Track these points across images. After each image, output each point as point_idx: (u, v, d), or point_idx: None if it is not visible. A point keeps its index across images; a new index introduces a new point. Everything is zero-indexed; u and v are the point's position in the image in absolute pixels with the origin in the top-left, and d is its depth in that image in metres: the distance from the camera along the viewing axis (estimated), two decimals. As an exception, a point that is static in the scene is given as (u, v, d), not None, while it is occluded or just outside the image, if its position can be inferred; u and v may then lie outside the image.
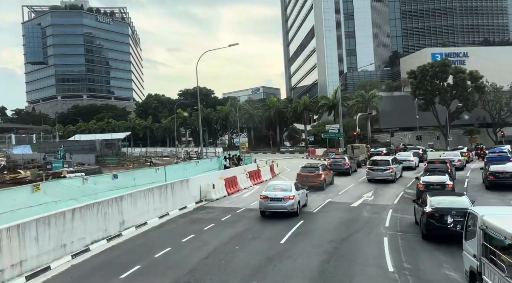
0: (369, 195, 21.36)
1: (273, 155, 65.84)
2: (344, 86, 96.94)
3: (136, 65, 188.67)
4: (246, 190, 24.35)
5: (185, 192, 19.18)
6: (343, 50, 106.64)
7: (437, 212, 12.00)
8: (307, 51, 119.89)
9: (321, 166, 24.35)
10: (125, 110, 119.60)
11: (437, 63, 74.21)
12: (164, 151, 71.08)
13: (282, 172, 34.62)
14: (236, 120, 77.74)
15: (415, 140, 69.67)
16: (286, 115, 71.65)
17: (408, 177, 27.39)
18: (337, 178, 27.19)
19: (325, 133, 48.84)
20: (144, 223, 15.60)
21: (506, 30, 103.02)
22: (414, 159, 31.31)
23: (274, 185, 18.41)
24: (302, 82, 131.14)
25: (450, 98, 73.87)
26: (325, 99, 67.26)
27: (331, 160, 30.10)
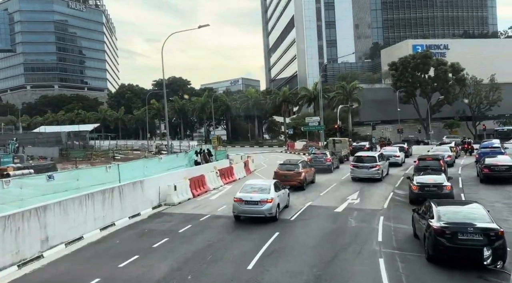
0: (355, 197, 18.71)
1: (251, 149, 62.94)
2: (324, 78, 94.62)
3: (111, 55, 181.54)
4: (215, 190, 21.32)
5: (138, 195, 16.01)
6: (323, 41, 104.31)
7: (448, 228, 9.32)
8: (287, 42, 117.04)
9: (301, 162, 21.58)
10: (97, 101, 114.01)
11: (418, 55, 72.74)
12: (135, 144, 67.10)
13: (259, 168, 31.78)
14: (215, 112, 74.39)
15: (397, 134, 68.15)
16: (264, 107, 68.74)
17: (395, 175, 24.97)
18: (318, 176, 24.52)
19: (305, 126, 46.25)
20: (79, 237, 12.40)
21: (485, 23, 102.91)
22: (400, 155, 28.98)
23: (251, 185, 15.69)
24: (282, 74, 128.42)
25: (431, 90, 72.68)
26: (305, 90, 64.66)
27: (312, 155, 27.43)
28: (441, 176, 16.89)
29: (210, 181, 21.42)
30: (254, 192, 15.11)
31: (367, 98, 73.98)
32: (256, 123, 73.37)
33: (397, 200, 17.82)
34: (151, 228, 14.09)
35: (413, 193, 16.43)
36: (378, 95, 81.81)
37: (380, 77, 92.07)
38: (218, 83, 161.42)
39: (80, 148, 63.77)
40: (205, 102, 73.34)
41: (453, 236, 9.16)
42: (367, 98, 73.04)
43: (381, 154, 23.90)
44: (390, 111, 77.38)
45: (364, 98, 67.86)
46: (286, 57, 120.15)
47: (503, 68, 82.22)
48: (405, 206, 16.61)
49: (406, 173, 25.79)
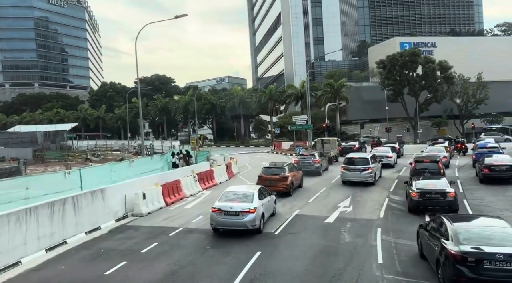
0: (347, 203, 16.79)
1: (236, 149, 60.82)
2: (311, 77, 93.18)
3: (94, 53, 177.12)
4: (192, 197, 19.13)
5: (98, 206, 13.76)
6: (310, 38, 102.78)
7: (471, 255, 7.39)
8: (273, 40, 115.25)
9: (287, 165, 19.56)
10: (77, 100, 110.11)
11: (406, 52, 71.55)
12: (115, 144, 64.27)
13: (243, 170, 29.68)
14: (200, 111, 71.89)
15: (385, 133, 66.86)
16: (250, 105, 66.63)
17: (388, 178, 23.18)
18: (307, 179, 22.59)
19: (292, 125, 44.32)
20: (15, 263, 10.13)
21: (471, 21, 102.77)
22: (393, 155, 27.25)
23: (232, 192, 13.75)
24: (268, 72, 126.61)
25: (420, 89, 71.61)
26: (292, 88, 62.81)
27: (299, 157, 25.47)
28: (442, 181, 15.08)
29: (186, 187, 19.23)
30: (235, 200, 13.14)
31: (355, 96, 72.61)
32: (242, 122, 71.24)
33: (394, 208, 15.94)
34: (110, 246, 11.86)
35: (412, 201, 14.57)
36: (366, 93, 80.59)
37: (367, 76, 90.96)
38: (204, 81, 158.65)
39: (57, 149, 60.78)
40: (189, 100, 70.82)
41: (478, 265, 7.24)
42: (354, 97, 71.66)
43: (374, 155, 22.08)
44: (378, 110, 76.16)
45: (351, 97, 66.45)
46: (273, 55, 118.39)
47: (490, 66, 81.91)
48: (404, 215, 14.76)
49: (400, 175, 24.09)
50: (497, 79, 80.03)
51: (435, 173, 18.42)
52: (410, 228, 12.84)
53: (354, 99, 72.65)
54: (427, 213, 14.43)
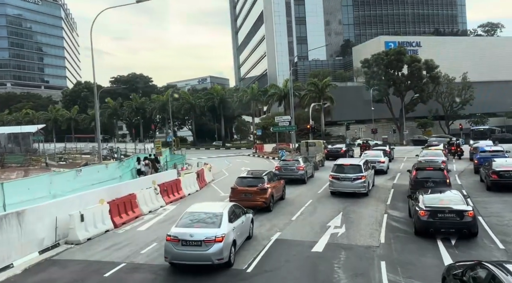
0: (338, 222, 13.78)
1: (216, 152, 57.57)
2: (295, 76, 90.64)
3: (71, 52, 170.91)
4: (151, 214, 15.79)
5: (12, 236, 10.31)
6: (293, 37, 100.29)
7: None
8: (256, 39, 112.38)
9: (266, 175, 16.41)
10: (50, 100, 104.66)
11: (392, 51, 69.68)
12: (86, 146, 60.09)
13: (219, 177, 26.44)
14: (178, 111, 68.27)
15: (370, 134, 64.65)
16: (231, 106, 63.37)
17: (382, 187, 20.31)
18: (289, 188, 19.59)
19: (274, 127, 41.35)
20: None
21: (455, 21, 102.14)
22: (385, 160, 24.45)
23: (194, 213, 10.57)
24: (251, 72, 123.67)
25: (405, 89, 69.83)
26: (274, 88, 59.90)
27: (281, 163, 22.40)
28: (457, 196, 12.21)
29: (144, 202, 15.86)
30: (197, 224, 10.04)
31: (339, 97, 70.26)
32: (223, 123, 67.92)
33: (395, 228, 12.99)
34: (14, 298, 8.50)
35: (420, 221, 11.62)
36: (351, 94, 78.52)
37: (352, 75, 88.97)
38: (185, 81, 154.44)
39: (22, 152, 56.27)
40: (166, 100, 67.07)
41: None
42: (339, 97, 69.31)
43: (366, 161, 19.17)
44: (363, 111, 74.09)
45: (336, 97, 64.00)
46: (255, 54, 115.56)
47: (475, 66, 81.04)
48: (411, 239, 11.81)
49: (395, 183, 21.27)
50: (482, 80, 79.14)
51: (440, 183, 15.61)
52: (423, 261, 9.92)
53: (339, 100, 70.31)
54: (439, 237, 11.54)
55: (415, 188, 15.94)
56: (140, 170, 24.07)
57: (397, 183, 21.06)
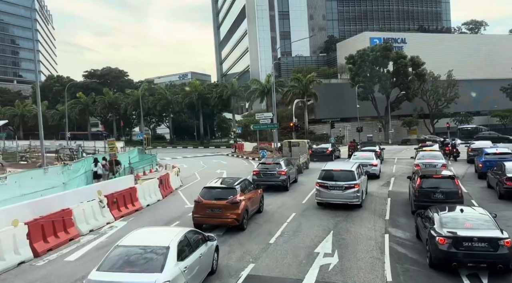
0: (328, 247, 10.83)
1: (194, 151, 54.11)
2: (278, 73, 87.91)
3: (47, 45, 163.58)
4: (91, 235, 12.47)
5: None
6: (276, 33, 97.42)
7: None
8: (238, 34, 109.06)
9: (239, 184, 13.26)
10: (19, 95, 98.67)
11: (377, 47, 67.62)
12: (52, 144, 55.56)
13: (190, 181, 23.17)
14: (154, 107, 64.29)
15: (356, 133, 62.29)
16: (211, 102, 59.89)
17: (377, 195, 17.48)
18: (269, 197, 16.61)
19: (255, 125, 38.29)
20: None
21: (439, 18, 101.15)
22: (377, 163, 21.67)
23: (127, 248, 7.42)
24: (233, 68, 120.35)
25: (391, 86, 67.87)
26: (256, 83, 56.82)
27: (260, 167, 19.31)
28: (485, 217, 9.40)
29: (84, 218, 12.52)
30: (129, 267, 6.92)
31: (323, 94, 67.86)
32: (202, 120, 64.40)
33: (402, 256, 10.09)
34: None
35: (439, 251, 8.75)
36: (335, 91, 76.18)
37: (336, 72, 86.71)
38: (166, 77, 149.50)
39: (-20, 151, 51.52)
40: (141, 95, 63.13)
41: None
42: (323, 94, 66.89)
43: (359, 166, 16.27)
44: (348, 108, 71.91)
45: (320, 94, 61.44)
46: (237, 50, 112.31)
47: (459, 64, 79.81)
48: (427, 275, 8.92)
49: (391, 190, 18.49)
50: (467, 78, 78.01)
51: (451, 195, 12.83)
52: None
53: (323, 97, 67.90)
54: (464, 272, 8.69)
55: (420, 201, 13.15)
56: (97, 172, 20.68)
57: (393, 190, 18.29)
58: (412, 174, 15.65)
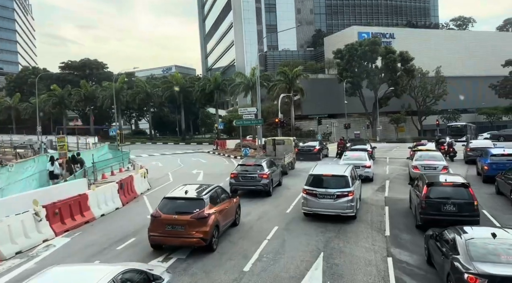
0: (319, 276, 8.52)
1: (174, 147, 51.30)
2: (264, 67, 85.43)
3: (25, 36, 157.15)
4: (18, 259, 9.85)
5: None
6: (263, 26, 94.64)
7: None
8: (224, 26, 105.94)
9: (209, 193, 10.75)
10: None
11: (366, 41, 65.70)
12: (21, 139, 52.13)
13: (159, 185, 20.42)
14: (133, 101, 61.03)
15: (343, 129, 60.36)
16: (193, 96, 56.94)
17: (372, 203, 15.21)
18: (247, 204, 14.23)
19: (238, 120, 35.74)
20: None
21: (427, 14, 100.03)
22: (371, 164, 19.38)
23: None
24: (219, 62, 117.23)
25: (379, 82, 66.13)
26: (241, 77, 54.20)
27: (238, 169, 16.81)
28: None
29: (9, 237, 9.78)
30: None
31: (310, 89, 65.71)
32: (183, 115, 61.50)
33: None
34: None
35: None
36: (322, 86, 74.14)
37: (323, 67, 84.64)
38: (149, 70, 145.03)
39: None
40: (119, 88, 59.79)
41: None
42: (310, 90, 64.76)
43: (353, 169, 13.93)
44: (335, 104, 69.99)
45: (306, 89, 59.21)
46: (223, 43, 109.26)
47: (448, 60, 78.65)
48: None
49: (387, 196, 16.25)
50: (455, 75, 76.91)
51: (465, 207, 10.61)
52: None
53: (310, 92, 65.76)
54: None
55: (427, 214, 10.91)
56: (53, 172, 17.93)
57: (390, 197, 16.07)
58: (415, 180, 13.42)
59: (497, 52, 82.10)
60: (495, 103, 75.03)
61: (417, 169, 17.99)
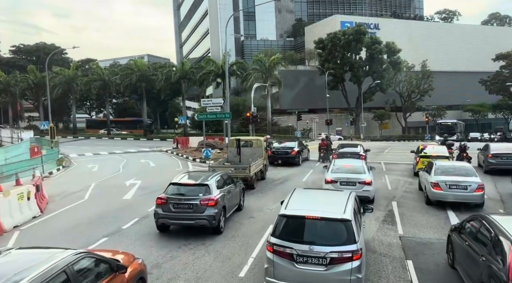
0: None
1: (131, 143, 44.53)
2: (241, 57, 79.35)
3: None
4: None
5: None
6: (240, 13, 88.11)
7: None
8: (199, 14, 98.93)
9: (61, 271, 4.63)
10: None
11: (350, 30, 60.41)
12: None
13: (63, 206, 13.74)
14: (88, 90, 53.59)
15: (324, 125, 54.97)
16: (156, 85, 50.01)
17: (379, 250, 9.39)
18: (173, 252, 8.14)
19: (201, 114, 29.48)
20: None
21: (412, 6, 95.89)
22: (371, 179, 13.44)
23: None
24: (194, 52, 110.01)
25: (363, 74, 61.09)
26: (211, 64, 47.79)
27: (170, 190, 10.34)
28: None
29: None
30: None
31: (289, 81, 60.07)
32: (145, 106, 54.62)
33: None
34: None
35: None
36: (302, 78, 68.74)
37: (304, 58, 79.13)
38: (119, 59, 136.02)
39: None
40: (73, 75, 52.30)
41: None
42: (289, 82, 59.09)
43: (355, 200, 8.03)
44: (316, 98, 64.69)
45: (286, 82, 53.42)
46: (198, 32, 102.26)
47: (434, 54, 74.53)
48: None
49: (403, 236, 10.36)
50: (441, 69, 72.88)
51: None
52: None
53: (289, 85, 60.06)
54: None
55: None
56: None
57: (408, 237, 10.24)
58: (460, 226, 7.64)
59: (484, 47, 78.57)
60: (480, 100, 71.48)
61: (439, 188, 12.41)
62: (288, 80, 57.98)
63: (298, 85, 67.15)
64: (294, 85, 65.58)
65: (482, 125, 76.05)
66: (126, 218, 11.71)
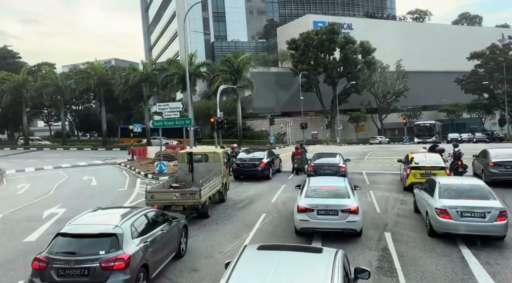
0: None
1: (85, 154, 40.05)
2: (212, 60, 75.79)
3: None
4: None
5: None
6: (209, 13, 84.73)
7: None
8: (167, 15, 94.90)
9: None
10: None
11: (323, 29, 58.00)
12: None
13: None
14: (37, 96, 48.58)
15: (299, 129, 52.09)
16: (115, 88, 45.59)
17: None
18: None
19: (156, 120, 25.73)
20: None
21: (384, 6, 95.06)
22: (358, 205, 10.13)
23: None
24: (163, 55, 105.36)
25: (338, 75, 58.74)
26: (174, 65, 44.01)
27: (56, 244, 6.66)
28: None
29: None
30: None
31: (261, 83, 56.88)
32: (104, 113, 50.09)
33: None
34: None
35: None
36: (275, 80, 65.91)
37: (276, 60, 76.36)
38: (81, 64, 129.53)
39: None
40: (23, 81, 47.28)
41: None
42: (261, 84, 55.91)
43: (346, 258, 4.73)
44: (289, 101, 62.03)
45: (257, 84, 50.21)
46: (167, 34, 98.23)
47: (408, 54, 73.30)
48: None
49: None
50: (416, 69, 71.68)
51: None
52: None
53: (261, 87, 56.87)
54: None
55: None
56: None
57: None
58: None
59: (457, 46, 78.12)
60: (456, 100, 70.55)
61: (447, 216, 9.26)
62: (260, 82, 54.91)
63: (271, 87, 64.27)
64: (267, 88, 62.64)
65: (457, 126, 75.25)
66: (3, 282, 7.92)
